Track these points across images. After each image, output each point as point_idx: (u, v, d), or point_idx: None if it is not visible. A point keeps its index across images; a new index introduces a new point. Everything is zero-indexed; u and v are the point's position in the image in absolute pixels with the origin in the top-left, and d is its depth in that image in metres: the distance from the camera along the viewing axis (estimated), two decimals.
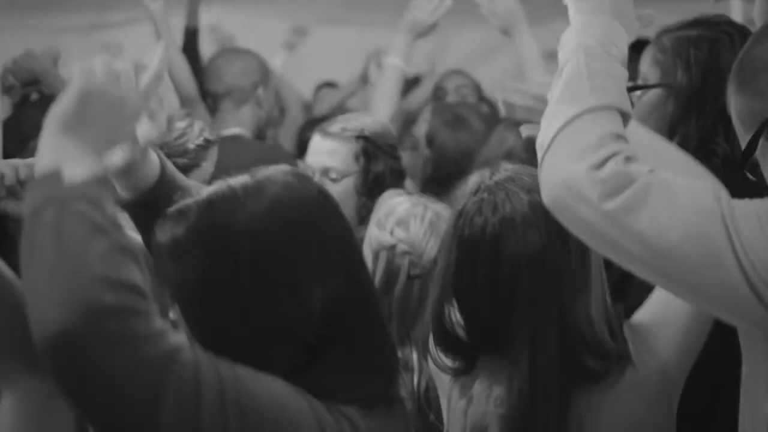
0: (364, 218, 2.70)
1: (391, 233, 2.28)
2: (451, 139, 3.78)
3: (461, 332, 1.88)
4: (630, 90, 1.87)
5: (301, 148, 2.97)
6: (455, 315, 1.88)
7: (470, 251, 1.83)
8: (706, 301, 1.54)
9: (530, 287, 1.79)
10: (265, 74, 3.73)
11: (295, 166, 2.96)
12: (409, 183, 3.42)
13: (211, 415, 1.33)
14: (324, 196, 1.54)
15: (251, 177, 1.51)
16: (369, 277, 1.58)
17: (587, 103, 1.60)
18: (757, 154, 1.59)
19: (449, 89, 4.69)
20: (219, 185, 1.51)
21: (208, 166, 2.60)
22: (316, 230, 1.49)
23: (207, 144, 2.53)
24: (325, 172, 2.80)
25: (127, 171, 1.63)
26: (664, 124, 2.04)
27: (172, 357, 1.32)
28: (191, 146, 2.55)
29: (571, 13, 1.75)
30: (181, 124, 2.45)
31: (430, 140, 3.83)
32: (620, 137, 1.57)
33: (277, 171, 1.53)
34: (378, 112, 3.37)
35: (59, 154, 1.36)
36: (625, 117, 1.62)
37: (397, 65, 3.41)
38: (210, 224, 1.46)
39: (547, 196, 1.59)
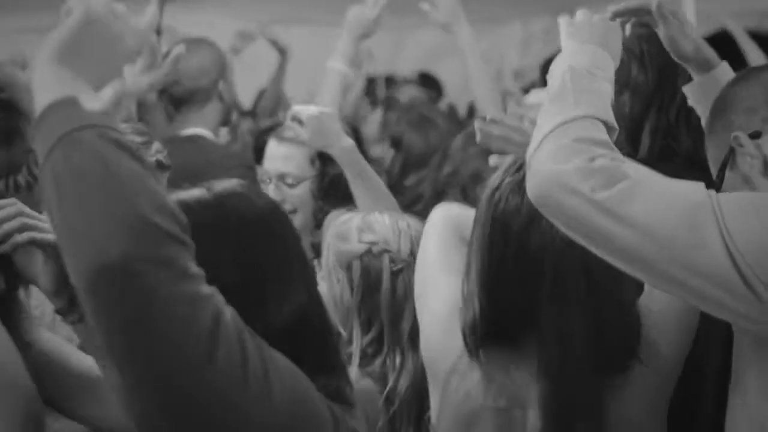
0: (320, 222, 2.71)
1: (359, 240, 2.29)
2: (419, 139, 3.80)
3: (477, 316, 1.86)
4: None
5: (258, 154, 2.95)
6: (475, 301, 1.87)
7: (504, 226, 1.83)
8: (695, 293, 1.58)
9: (557, 267, 1.79)
10: (222, 66, 3.64)
11: (253, 170, 2.97)
12: None
13: (255, 367, 1.30)
14: (279, 209, 1.55)
15: (208, 191, 1.49)
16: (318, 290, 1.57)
17: (573, 114, 1.67)
18: (725, 187, 1.67)
19: (401, 100, 4.72)
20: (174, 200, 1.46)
21: None
22: (278, 245, 1.49)
23: (159, 166, 2.49)
24: (282, 177, 2.82)
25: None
26: (623, 121, 2.07)
27: (221, 302, 1.29)
28: None
29: (563, 40, 1.83)
30: (138, 139, 2.42)
31: (397, 142, 3.85)
32: (607, 143, 1.65)
33: (232, 184, 1.51)
34: None
35: (64, 85, 1.29)
36: (610, 130, 1.69)
37: (338, 69, 3.33)
38: None
39: (534, 191, 1.64)
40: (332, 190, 2.80)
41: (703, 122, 1.88)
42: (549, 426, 1.79)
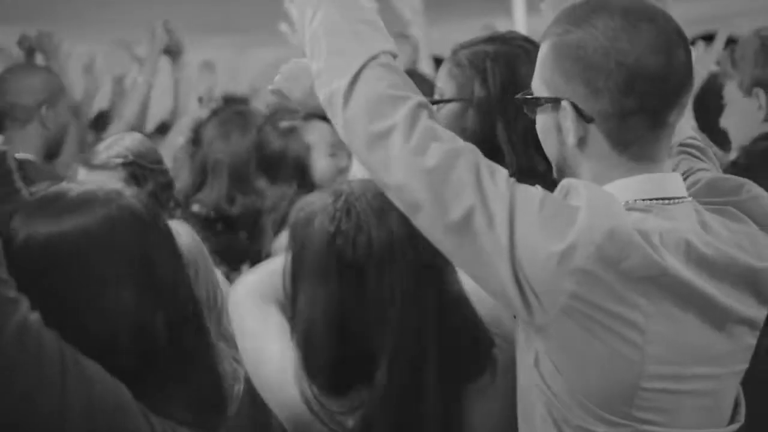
0: None
1: None
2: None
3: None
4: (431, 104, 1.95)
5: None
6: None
7: (359, 271, 1.76)
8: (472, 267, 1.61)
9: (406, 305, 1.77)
10: (52, 93, 3.64)
11: None
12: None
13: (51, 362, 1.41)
14: (90, 231, 1.57)
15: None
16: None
17: (364, 55, 1.67)
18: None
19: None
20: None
21: None
22: (82, 265, 1.53)
23: None
24: None
25: None
26: (465, 137, 2.11)
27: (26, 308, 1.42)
28: None
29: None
30: None
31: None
32: (406, 83, 1.66)
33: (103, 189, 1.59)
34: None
35: None
36: (394, 56, 1.70)
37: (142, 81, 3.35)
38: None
39: (362, 151, 1.65)
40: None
41: None
42: None
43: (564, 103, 1.63)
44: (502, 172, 1.61)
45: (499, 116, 2.10)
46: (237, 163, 3.61)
